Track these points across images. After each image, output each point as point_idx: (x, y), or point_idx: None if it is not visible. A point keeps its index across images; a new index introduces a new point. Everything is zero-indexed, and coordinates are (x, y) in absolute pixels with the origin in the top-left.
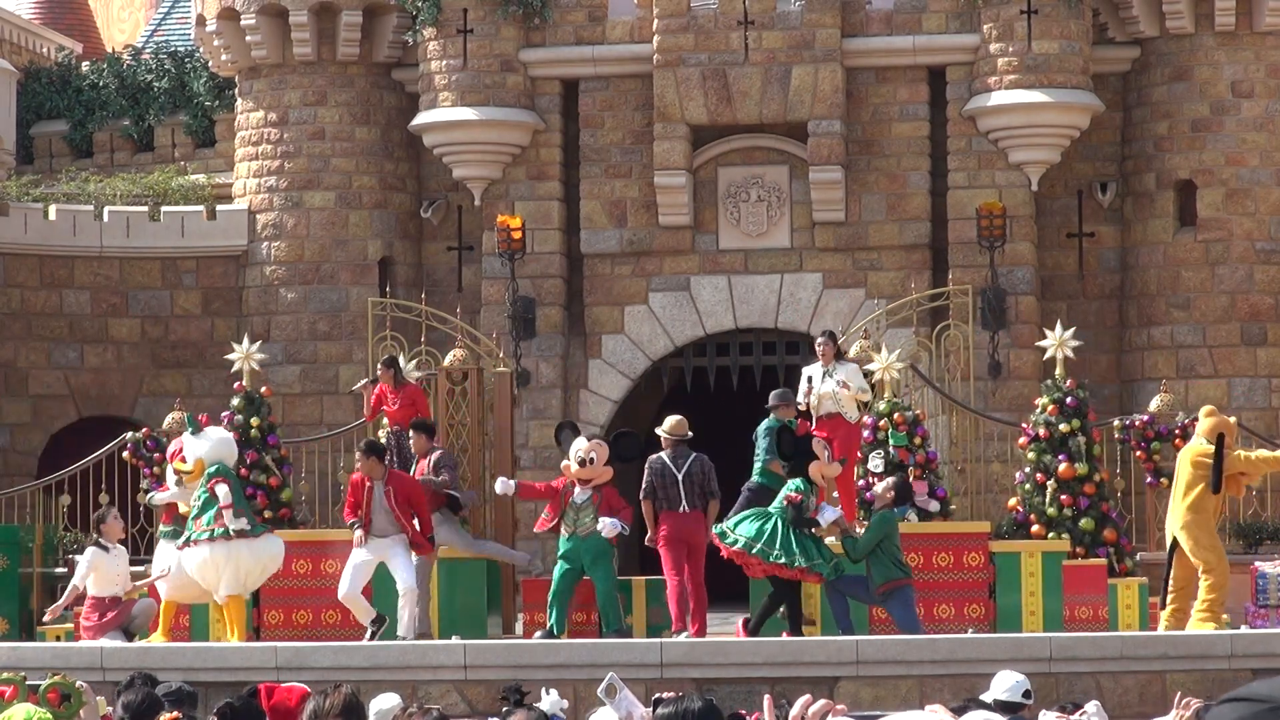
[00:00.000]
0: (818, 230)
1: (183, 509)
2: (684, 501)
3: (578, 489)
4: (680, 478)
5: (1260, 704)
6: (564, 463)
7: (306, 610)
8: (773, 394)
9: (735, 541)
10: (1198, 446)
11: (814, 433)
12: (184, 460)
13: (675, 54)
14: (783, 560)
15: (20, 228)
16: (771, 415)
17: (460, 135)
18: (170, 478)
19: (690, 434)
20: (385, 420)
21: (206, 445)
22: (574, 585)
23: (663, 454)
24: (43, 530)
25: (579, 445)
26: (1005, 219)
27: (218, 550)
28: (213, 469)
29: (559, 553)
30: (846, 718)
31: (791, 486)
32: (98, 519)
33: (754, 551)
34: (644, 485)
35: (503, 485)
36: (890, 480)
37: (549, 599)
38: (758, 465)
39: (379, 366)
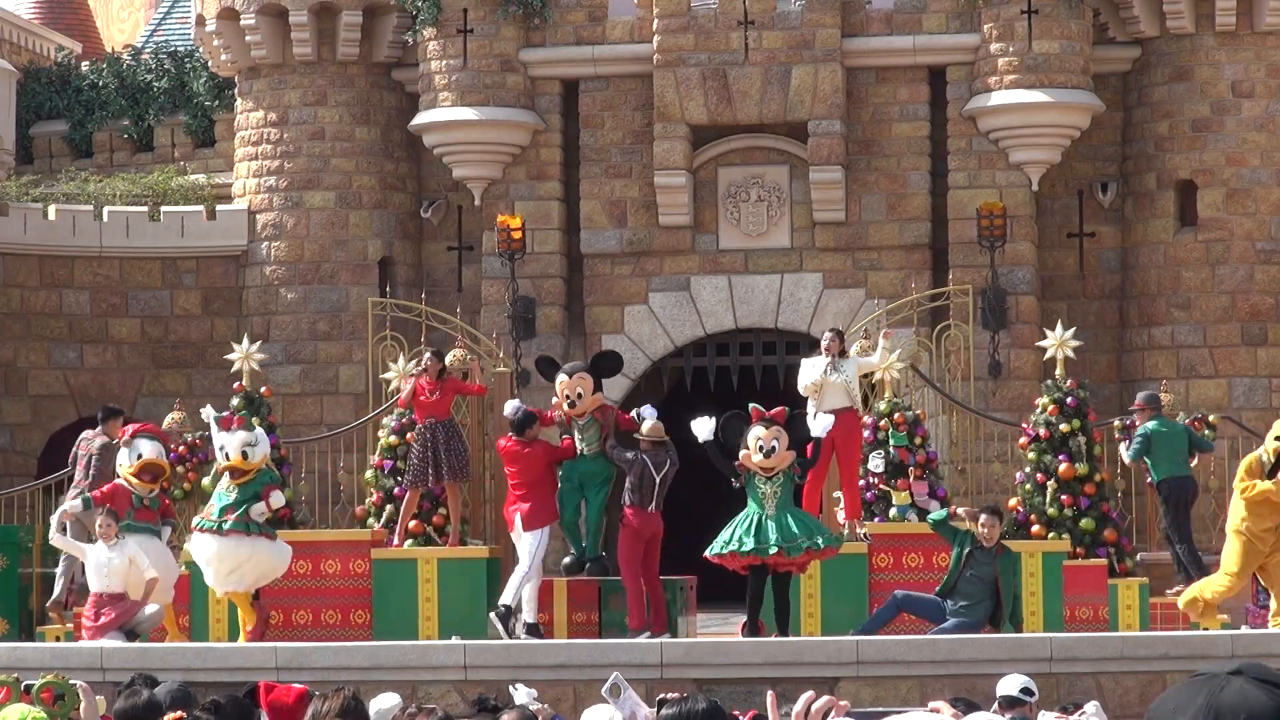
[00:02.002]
0: (818, 230)
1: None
2: (654, 503)
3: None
4: (657, 480)
5: (1198, 676)
6: (554, 400)
7: (306, 610)
8: (1143, 395)
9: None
10: (1252, 456)
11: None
12: (244, 458)
13: (675, 54)
14: (739, 548)
15: (20, 228)
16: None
17: (460, 135)
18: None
19: (667, 438)
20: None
21: (265, 442)
22: (579, 506)
23: (644, 455)
24: (43, 530)
25: (562, 382)
26: (1005, 219)
27: (243, 544)
28: (270, 475)
29: (564, 488)
30: (849, 716)
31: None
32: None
33: (725, 551)
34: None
35: (512, 407)
36: (986, 517)
37: (565, 528)
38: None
39: (427, 357)
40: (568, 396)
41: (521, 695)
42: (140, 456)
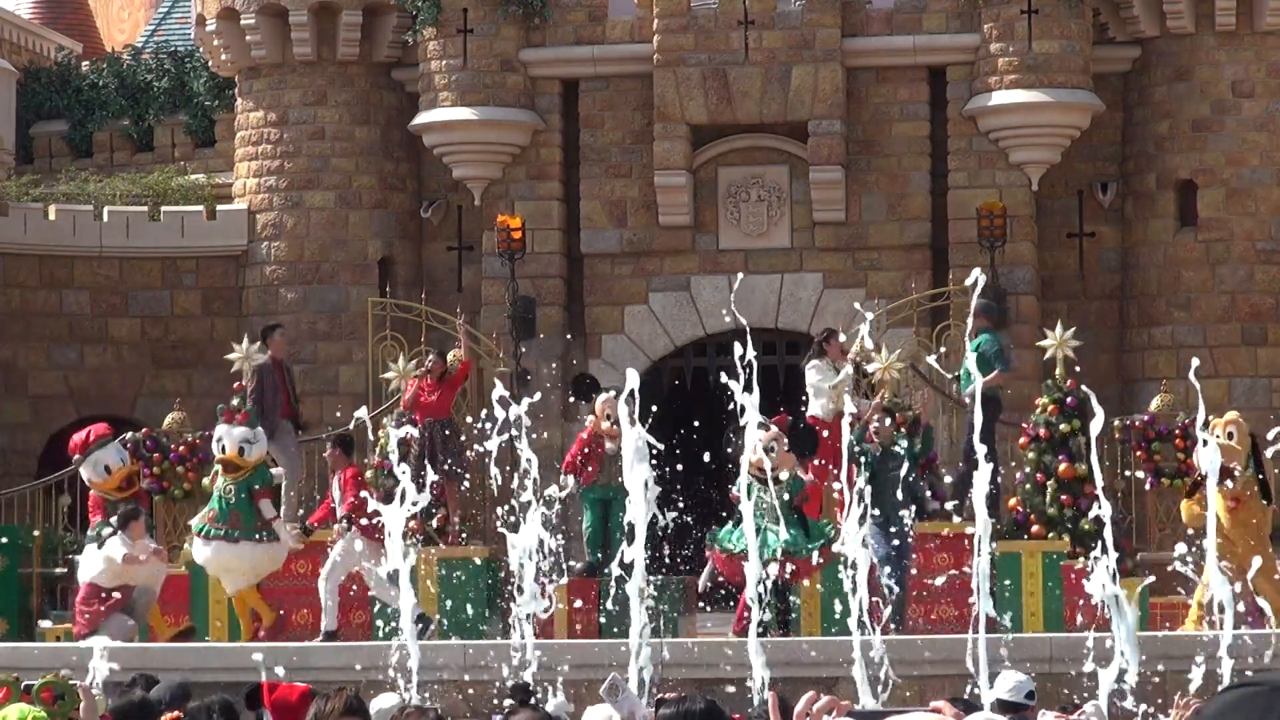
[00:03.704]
0: (818, 230)
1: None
2: None
3: (609, 442)
4: None
5: (1259, 686)
6: (589, 418)
7: (306, 610)
8: (982, 303)
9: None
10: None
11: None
12: (240, 454)
13: (675, 54)
14: (729, 544)
15: (20, 228)
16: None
17: (460, 135)
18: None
19: None
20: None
21: (263, 442)
22: (605, 526)
23: None
24: (43, 530)
25: (604, 402)
26: (1005, 219)
27: (259, 549)
28: (263, 476)
29: (588, 502)
30: (849, 716)
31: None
32: (129, 515)
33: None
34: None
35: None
36: (877, 419)
37: (586, 541)
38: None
39: (431, 358)
40: (609, 414)
41: (554, 704)
42: (109, 470)
